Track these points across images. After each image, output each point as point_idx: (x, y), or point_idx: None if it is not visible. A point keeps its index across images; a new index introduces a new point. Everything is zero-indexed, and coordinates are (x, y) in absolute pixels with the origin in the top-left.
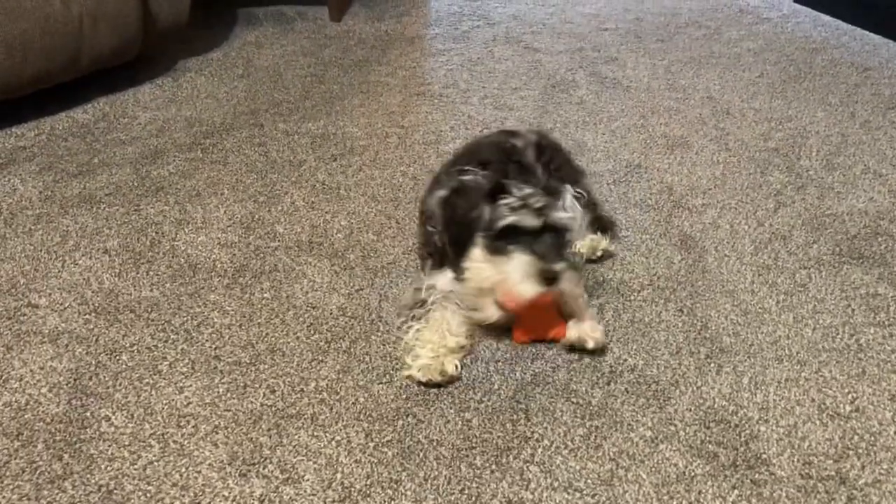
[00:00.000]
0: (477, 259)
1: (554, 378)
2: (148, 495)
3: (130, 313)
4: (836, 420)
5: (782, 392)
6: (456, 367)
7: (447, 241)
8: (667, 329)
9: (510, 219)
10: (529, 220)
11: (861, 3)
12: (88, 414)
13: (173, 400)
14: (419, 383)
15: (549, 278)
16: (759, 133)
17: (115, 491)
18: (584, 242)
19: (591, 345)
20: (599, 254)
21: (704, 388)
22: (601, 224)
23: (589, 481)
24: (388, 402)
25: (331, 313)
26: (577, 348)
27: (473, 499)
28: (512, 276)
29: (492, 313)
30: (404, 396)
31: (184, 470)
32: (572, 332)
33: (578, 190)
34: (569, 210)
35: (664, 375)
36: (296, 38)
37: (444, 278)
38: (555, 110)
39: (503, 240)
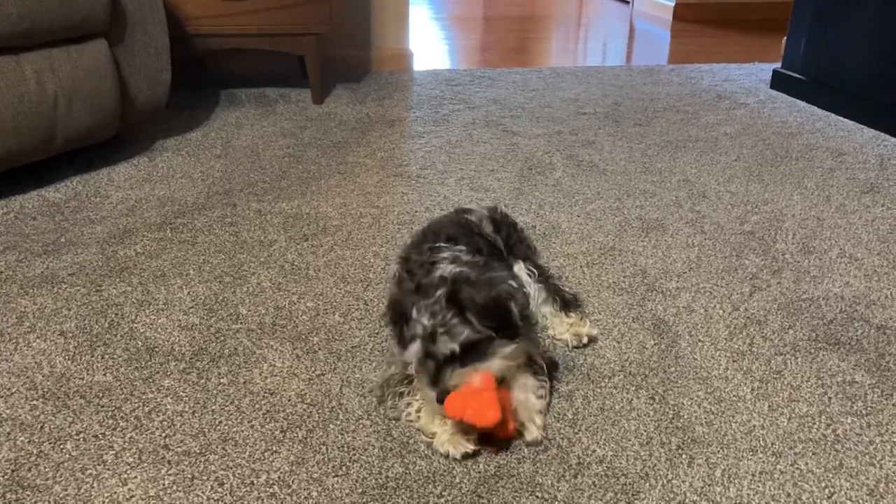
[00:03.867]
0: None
1: (518, 470)
2: None
3: (80, 399)
4: None
5: (757, 486)
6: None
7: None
8: (637, 417)
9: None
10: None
11: (835, 89)
12: None
13: (115, 493)
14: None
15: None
16: (735, 216)
17: None
18: (562, 328)
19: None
20: (585, 341)
21: (675, 480)
22: (562, 299)
23: None
24: (343, 496)
25: (289, 400)
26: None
27: None
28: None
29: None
30: (360, 490)
31: None
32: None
33: (530, 266)
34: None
35: (634, 467)
36: (276, 120)
37: None
38: (530, 192)
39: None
